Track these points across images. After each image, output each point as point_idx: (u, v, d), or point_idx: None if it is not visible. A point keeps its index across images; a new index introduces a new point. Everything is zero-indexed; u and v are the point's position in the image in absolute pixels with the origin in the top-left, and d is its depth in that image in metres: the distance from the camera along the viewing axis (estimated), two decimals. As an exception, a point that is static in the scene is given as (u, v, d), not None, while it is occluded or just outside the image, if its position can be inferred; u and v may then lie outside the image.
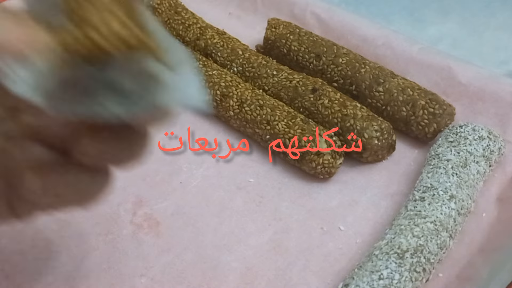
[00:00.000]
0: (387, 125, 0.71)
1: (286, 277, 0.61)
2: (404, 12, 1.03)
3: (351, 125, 0.70)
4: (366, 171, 0.72)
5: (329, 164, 0.68)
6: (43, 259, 0.64)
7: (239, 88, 0.76)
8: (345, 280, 0.56)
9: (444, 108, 0.72)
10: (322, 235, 0.65)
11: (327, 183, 0.71)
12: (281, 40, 0.84)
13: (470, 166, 0.64)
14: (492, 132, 0.69)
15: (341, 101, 0.72)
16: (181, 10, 0.92)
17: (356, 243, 0.64)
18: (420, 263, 0.55)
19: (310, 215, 0.67)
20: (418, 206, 0.60)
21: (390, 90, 0.74)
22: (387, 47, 0.85)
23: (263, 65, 0.80)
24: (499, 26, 0.98)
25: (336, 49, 0.81)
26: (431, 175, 0.64)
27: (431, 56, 0.82)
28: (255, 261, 0.63)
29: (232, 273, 0.61)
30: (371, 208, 0.68)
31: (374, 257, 0.56)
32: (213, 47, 0.85)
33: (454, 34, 0.97)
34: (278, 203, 0.69)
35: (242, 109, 0.74)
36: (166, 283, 0.61)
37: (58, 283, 0.61)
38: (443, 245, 0.57)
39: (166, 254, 0.64)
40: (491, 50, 0.93)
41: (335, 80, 0.79)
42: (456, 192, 0.61)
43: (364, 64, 0.78)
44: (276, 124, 0.71)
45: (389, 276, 0.53)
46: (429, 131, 0.72)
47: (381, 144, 0.70)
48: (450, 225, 0.59)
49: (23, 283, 0.61)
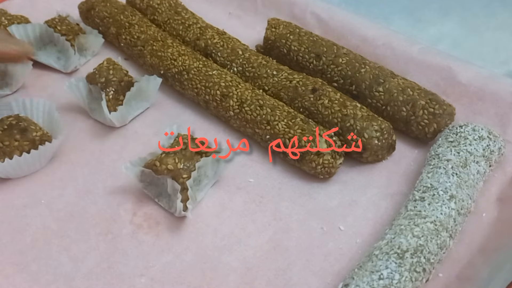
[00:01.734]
0: (387, 125, 0.71)
1: (286, 277, 0.61)
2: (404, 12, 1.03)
3: (351, 125, 0.70)
4: (366, 171, 0.72)
5: (329, 164, 0.68)
6: (43, 259, 0.64)
7: (239, 88, 0.76)
8: (345, 280, 0.56)
9: (444, 108, 0.72)
10: (322, 235, 0.65)
11: (327, 183, 0.71)
12: (281, 40, 0.84)
13: (470, 166, 0.64)
14: (492, 132, 0.69)
15: (341, 101, 0.72)
16: (181, 10, 0.92)
17: (356, 243, 0.64)
18: (420, 263, 0.55)
19: (310, 215, 0.67)
20: (418, 206, 0.60)
21: (390, 90, 0.74)
22: (387, 47, 0.85)
23: (263, 65, 0.80)
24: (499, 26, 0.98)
25: (336, 49, 0.81)
26: (431, 175, 0.64)
27: (431, 56, 0.82)
28: (255, 261, 0.63)
29: (232, 273, 0.62)
30: (371, 208, 0.68)
31: (374, 257, 0.56)
32: (213, 47, 0.85)
33: (454, 34, 0.97)
34: (278, 203, 0.69)
35: (242, 109, 0.74)
36: (166, 283, 0.61)
37: (58, 283, 0.61)
38: (443, 245, 0.57)
39: (166, 254, 0.64)
40: (491, 50, 0.93)
41: (335, 80, 0.79)
42: (456, 192, 0.61)
43: (364, 64, 0.78)
44: (276, 124, 0.71)
45: (389, 276, 0.53)
46: (429, 131, 0.72)
47: (381, 144, 0.70)
48: (450, 225, 0.59)
49: (24, 283, 0.61)
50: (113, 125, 0.79)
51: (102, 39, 0.93)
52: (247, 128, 0.75)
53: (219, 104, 0.77)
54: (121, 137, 0.78)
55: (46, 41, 0.90)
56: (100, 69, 0.79)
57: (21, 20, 0.91)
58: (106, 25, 0.92)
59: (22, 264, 0.63)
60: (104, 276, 0.62)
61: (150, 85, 0.81)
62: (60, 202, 0.70)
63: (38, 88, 0.88)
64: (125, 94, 0.78)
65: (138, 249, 0.64)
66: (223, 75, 0.78)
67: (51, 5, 1.01)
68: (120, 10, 0.92)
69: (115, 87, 0.78)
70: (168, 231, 0.66)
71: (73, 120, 0.81)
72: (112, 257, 0.64)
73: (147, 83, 0.81)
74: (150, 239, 0.65)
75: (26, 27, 0.88)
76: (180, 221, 0.67)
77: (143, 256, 0.64)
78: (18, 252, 0.64)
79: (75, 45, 0.89)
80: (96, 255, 0.64)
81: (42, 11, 0.98)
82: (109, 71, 0.78)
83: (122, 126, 0.80)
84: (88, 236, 0.66)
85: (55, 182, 0.72)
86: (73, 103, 0.82)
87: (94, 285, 0.61)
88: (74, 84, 0.80)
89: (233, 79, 0.78)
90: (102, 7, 0.93)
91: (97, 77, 0.78)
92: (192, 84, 0.79)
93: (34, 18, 0.94)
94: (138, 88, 0.80)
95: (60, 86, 0.83)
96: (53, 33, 0.87)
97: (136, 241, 0.65)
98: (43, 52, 0.90)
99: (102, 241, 0.65)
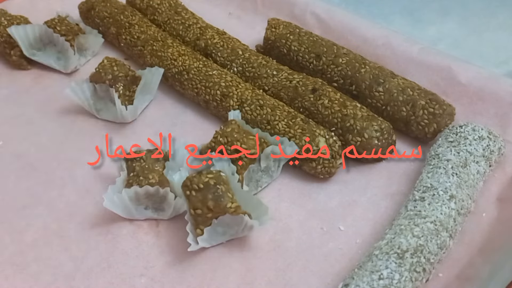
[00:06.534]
0: (387, 125, 0.71)
1: (286, 277, 0.61)
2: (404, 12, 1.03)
3: (351, 125, 0.70)
4: (366, 171, 0.72)
5: (329, 164, 0.68)
6: (43, 259, 0.64)
7: (239, 88, 0.76)
8: (345, 280, 0.56)
9: (444, 108, 0.72)
10: (322, 235, 0.65)
11: (327, 183, 0.71)
12: (281, 40, 0.84)
13: (470, 166, 0.64)
14: (492, 132, 0.69)
15: (341, 101, 0.72)
16: (181, 10, 0.92)
17: (356, 243, 0.64)
18: (420, 263, 0.55)
19: (310, 215, 0.67)
20: (418, 206, 0.60)
21: (390, 90, 0.74)
22: (387, 47, 0.85)
23: (263, 65, 0.80)
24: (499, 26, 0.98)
25: (336, 49, 0.81)
26: (431, 175, 0.64)
27: (431, 56, 0.82)
28: (255, 261, 0.63)
29: (233, 273, 0.61)
30: (371, 208, 0.67)
31: (374, 257, 0.56)
32: (213, 47, 0.85)
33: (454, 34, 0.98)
34: (278, 204, 0.69)
35: (242, 109, 0.74)
36: (166, 283, 0.61)
37: (58, 283, 0.61)
38: (443, 245, 0.57)
39: (166, 254, 0.64)
40: (491, 50, 0.93)
41: (335, 80, 0.79)
42: (456, 192, 0.61)
43: (364, 64, 0.78)
44: (277, 124, 0.71)
45: (389, 276, 0.53)
46: (429, 131, 0.72)
47: (381, 144, 0.70)
48: (450, 225, 0.59)
49: (24, 283, 0.61)
50: (124, 121, 0.80)
51: (102, 39, 0.93)
52: (247, 128, 0.75)
53: (219, 104, 0.77)
54: (121, 137, 0.78)
55: (46, 42, 0.90)
56: (103, 67, 0.79)
57: (20, 20, 0.91)
58: (106, 25, 0.92)
59: (22, 264, 0.63)
60: (104, 276, 0.62)
61: (153, 77, 0.82)
62: (60, 202, 0.70)
63: (38, 88, 0.88)
64: (131, 88, 0.79)
65: (138, 249, 0.64)
66: (223, 75, 0.78)
67: (50, 5, 1.01)
68: (120, 10, 0.92)
69: (123, 82, 0.78)
70: (168, 231, 0.66)
71: (73, 120, 0.81)
72: (112, 257, 0.63)
73: (151, 75, 0.82)
74: (150, 239, 0.65)
75: (26, 27, 0.88)
76: (180, 221, 0.67)
77: (143, 256, 0.64)
78: (18, 252, 0.64)
79: (75, 45, 0.89)
80: (96, 255, 0.64)
81: (42, 11, 0.98)
82: (113, 67, 0.79)
83: (122, 126, 0.80)
84: (88, 236, 0.66)
85: (55, 182, 0.72)
86: (73, 103, 0.82)
87: (94, 285, 0.61)
88: (76, 87, 0.79)
89: (233, 79, 0.78)
90: (102, 7, 0.93)
91: (103, 76, 0.78)
92: (192, 84, 0.79)
93: (34, 18, 0.94)
94: (145, 80, 0.81)
95: (61, 86, 0.83)
96: (53, 33, 0.87)
97: (136, 241, 0.65)
98: (43, 53, 0.90)
99: (102, 241, 0.65)
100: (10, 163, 0.75)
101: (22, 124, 0.81)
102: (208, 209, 0.60)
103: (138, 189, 0.64)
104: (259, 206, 0.63)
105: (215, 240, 0.63)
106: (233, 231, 0.63)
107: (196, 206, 0.61)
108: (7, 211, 0.69)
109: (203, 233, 0.60)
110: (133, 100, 0.79)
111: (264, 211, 0.62)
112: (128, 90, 0.79)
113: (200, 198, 0.61)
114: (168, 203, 0.65)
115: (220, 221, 0.60)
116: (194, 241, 0.61)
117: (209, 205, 0.60)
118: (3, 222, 0.68)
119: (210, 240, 0.62)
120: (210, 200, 0.60)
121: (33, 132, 0.80)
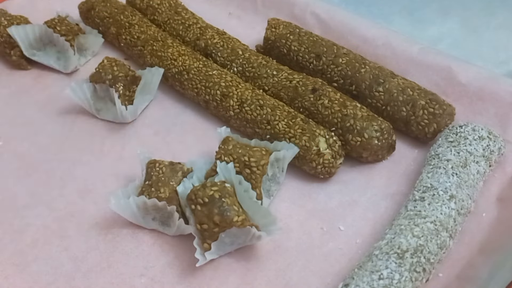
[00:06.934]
0: (387, 125, 0.71)
1: (286, 277, 0.61)
2: (404, 12, 1.03)
3: (351, 125, 0.70)
4: (366, 171, 0.72)
5: (329, 164, 0.68)
6: (43, 259, 0.64)
7: (239, 88, 0.76)
8: (345, 280, 0.56)
9: (444, 108, 0.72)
10: (322, 235, 0.65)
11: (327, 183, 0.71)
12: (281, 40, 0.84)
13: (470, 166, 0.64)
14: (492, 132, 0.69)
15: (341, 101, 0.72)
16: (181, 10, 0.92)
17: (356, 243, 0.64)
18: (420, 263, 0.55)
19: (310, 215, 0.67)
20: (418, 206, 0.60)
21: (390, 90, 0.74)
22: (387, 47, 0.85)
23: (263, 65, 0.80)
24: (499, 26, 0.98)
25: (336, 49, 0.81)
26: (431, 175, 0.64)
27: (431, 56, 0.82)
28: (255, 261, 0.63)
29: (233, 273, 0.61)
30: (371, 208, 0.67)
31: (374, 257, 0.56)
32: (213, 47, 0.85)
33: (454, 34, 0.97)
34: (278, 204, 0.69)
35: (243, 109, 0.74)
36: (166, 283, 0.61)
37: (58, 283, 0.61)
38: (443, 245, 0.57)
39: (166, 254, 0.64)
40: (491, 50, 0.93)
41: (335, 80, 0.79)
42: (456, 192, 0.61)
43: (364, 64, 0.78)
44: (277, 124, 0.71)
45: (389, 276, 0.53)
46: (429, 131, 0.72)
47: (381, 144, 0.70)
48: (450, 225, 0.59)
49: (24, 283, 0.61)
50: (124, 121, 0.80)
51: (102, 39, 0.93)
52: (247, 128, 0.75)
53: (219, 104, 0.77)
54: (121, 137, 0.78)
55: (45, 42, 0.90)
56: (103, 67, 0.79)
57: (20, 20, 0.91)
58: (106, 25, 0.92)
59: (22, 264, 0.63)
60: (104, 276, 0.62)
61: (153, 77, 0.82)
62: (60, 202, 0.70)
63: (38, 88, 0.88)
64: (131, 88, 0.79)
65: (138, 249, 0.64)
66: (223, 75, 0.78)
67: (50, 5, 1.01)
68: (120, 10, 0.92)
69: (123, 83, 0.78)
70: (168, 231, 0.66)
71: (73, 120, 0.81)
72: (112, 257, 0.63)
73: (151, 75, 0.82)
74: (150, 239, 0.65)
75: (26, 27, 0.88)
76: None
77: (143, 256, 0.64)
78: (18, 252, 0.64)
79: (75, 45, 0.89)
80: (96, 255, 0.64)
81: (42, 11, 0.98)
82: (113, 67, 0.79)
83: (122, 126, 0.80)
84: (88, 236, 0.66)
85: (55, 182, 0.72)
86: (73, 103, 0.82)
87: (94, 285, 0.61)
88: (76, 87, 0.79)
89: (233, 79, 0.78)
90: (102, 7, 0.93)
91: (103, 75, 0.78)
92: (192, 84, 0.79)
93: (34, 18, 0.94)
94: (145, 80, 0.81)
95: (60, 86, 0.83)
96: (53, 33, 0.87)
97: (136, 241, 0.65)
98: (43, 53, 0.90)
99: (102, 241, 0.65)
100: (10, 163, 0.75)
101: (22, 124, 0.81)
102: (215, 224, 0.59)
103: (147, 200, 0.63)
104: (267, 216, 0.61)
105: (222, 250, 0.62)
106: (240, 241, 0.62)
107: (202, 221, 0.59)
108: (7, 211, 0.69)
109: (211, 248, 0.59)
110: (133, 100, 0.79)
111: (272, 221, 0.61)
112: (128, 90, 0.79)
113: (205, 212, 0.59)
114: (173, 221, 0.63)
115: (227, 233, 0.59)
116: (202, 255, 0.60)
117: (215, 220, 0.59)
118: (3, 222, 0.68)
119: (218, 251, 0.61)
120: (216, 215, 0.59)
121: (33, 132, 0.80)
